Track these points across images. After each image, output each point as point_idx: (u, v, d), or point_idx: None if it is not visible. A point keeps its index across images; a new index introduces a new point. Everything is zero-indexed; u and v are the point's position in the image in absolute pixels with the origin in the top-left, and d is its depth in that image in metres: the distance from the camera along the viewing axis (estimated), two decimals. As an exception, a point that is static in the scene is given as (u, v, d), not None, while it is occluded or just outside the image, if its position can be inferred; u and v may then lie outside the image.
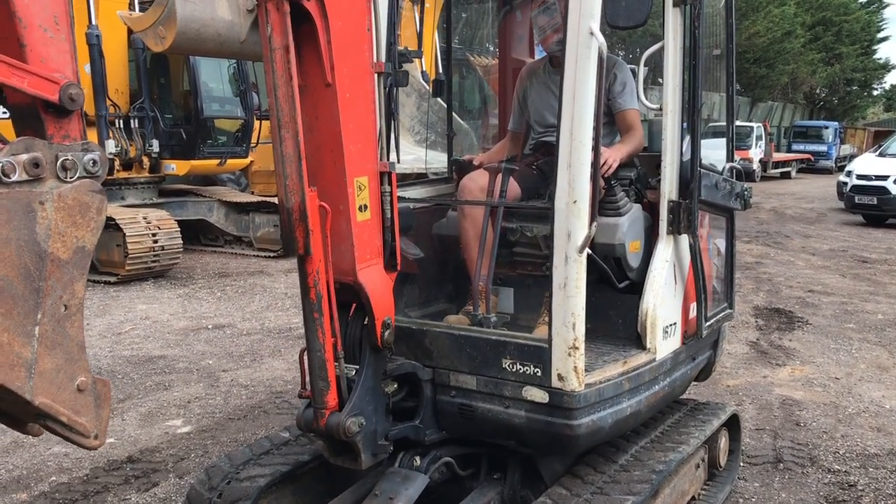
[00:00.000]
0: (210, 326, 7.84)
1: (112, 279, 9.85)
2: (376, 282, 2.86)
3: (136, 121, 11.52)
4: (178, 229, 10.31)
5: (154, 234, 9.90)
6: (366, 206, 2.80)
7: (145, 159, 11.69)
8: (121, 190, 11.61)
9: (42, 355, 1.93)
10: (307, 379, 2.82)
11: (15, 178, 1.86)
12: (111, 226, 9.79)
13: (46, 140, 1.95)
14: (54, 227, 1.93)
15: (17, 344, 1.88)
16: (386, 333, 2.89)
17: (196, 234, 12.75)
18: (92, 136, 10.95)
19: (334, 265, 2.72)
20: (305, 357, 2.81)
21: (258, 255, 11.96)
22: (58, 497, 4.19)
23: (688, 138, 3.49)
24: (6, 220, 1.84)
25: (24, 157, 1.88)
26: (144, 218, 10.00)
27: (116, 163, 11.25)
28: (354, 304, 2.92)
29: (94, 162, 2.02)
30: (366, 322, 2.90)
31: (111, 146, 11.06)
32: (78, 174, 1.98)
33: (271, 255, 11.79)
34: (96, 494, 4.23)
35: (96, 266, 10.15)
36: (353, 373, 2.90)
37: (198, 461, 4.61)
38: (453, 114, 4.80)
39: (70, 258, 1.98)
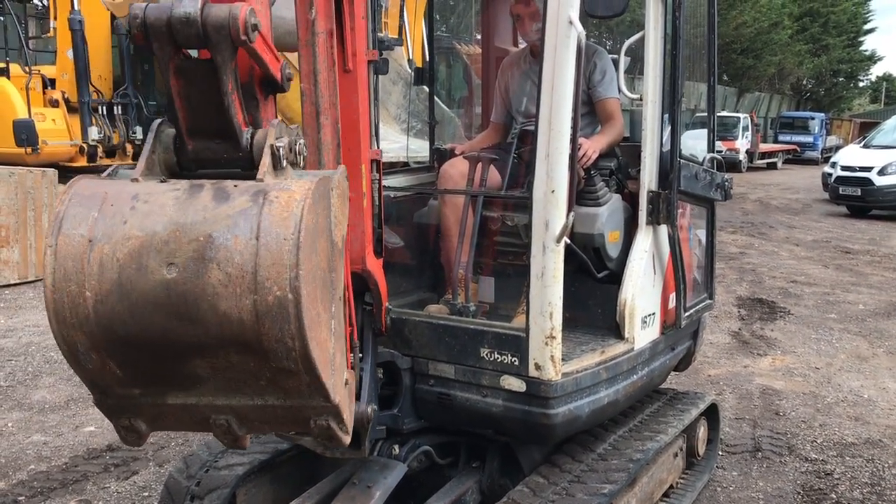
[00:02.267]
0: (193, 315, 7.81)
1: (95, 267, 9.78)
2: (377, 268, 2.87)
3: (120, 107, 11.45)
4: (162, 217, 10.24)
5: (137, 222, 9.82)
6: (365, 194, 2.80)
7: (129, 146, 11.61)
8: (104, 177, 11.52)
9: (336, 350, 1.89)
10: None
11: (284, 163, 1.82)
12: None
13: (284, 124, 1.91)
14: (336, 215, 1.88)
15: (328, 340, 1.83)
16: (388, 319, 2.91)
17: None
18: (75, 122, 10.90)
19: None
20: None
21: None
22: (36, 485, 4.17)
23: (668, 128, 3.49)
24: (322, 209, 1.77)
25: (286, 141, 1.84)
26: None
27: (99, 150, 11.16)
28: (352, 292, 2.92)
29: (304, 146, 1.96)
30: (369, 308, 2.90)
31: (94, 133, 10.98)
32: (303, 159, 1.94)
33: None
34: (75, 483, 4.21)
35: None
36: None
37: (178, 450, 4.60)
38: (437, 101, 4.79)
39: (342, 247, 1.95)
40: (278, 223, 1.66)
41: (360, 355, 2.88)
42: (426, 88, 5.03)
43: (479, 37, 5.15)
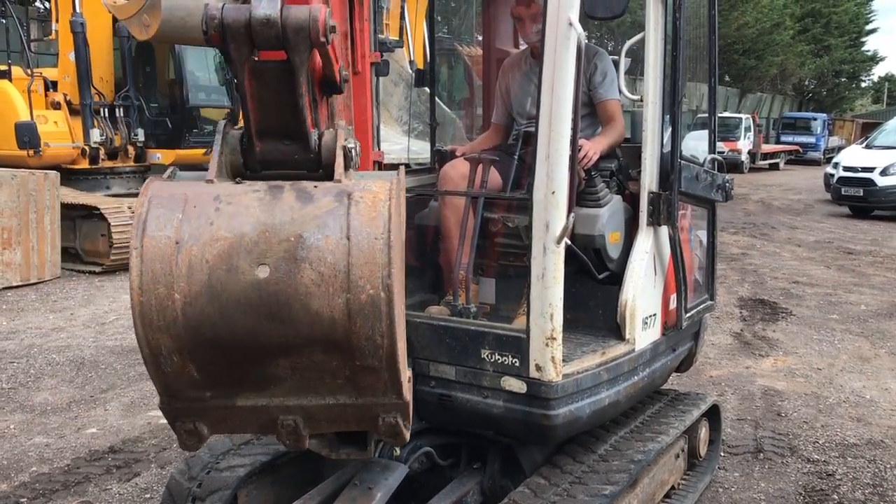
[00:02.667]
0: (195, 316, 7.81)
1: (97, 269, 9.79)
2: None
3: (122, 110, 11.44)
4: (164, 219, 10.24)
5: (140, 224, 9.82)
6: None
7: (130, 148, 11.61)
8: (106, 179, 11.54)
9: (401, 347, 1.89)
10: None
11: (352, 164, 1.84)
12: (96, 215, 9.74)
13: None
14: (401, 214, 1.90)
15: (403, 336, 1.85)
16: None
17: (182, 224, 12.70)
18: (77, 124, 10.91)
19: None
20: None
21: (245, 245, 11.90)
22: (38, 487, 4.18)
23: (669, 129, 3.49)
24: (397, 208, 1.79)
25: (353, 142, 1.87)
26: (129, 208, 9.93)
27: (101, 152, 11.17)
28: None
29: (359, 147, 1.99)
30: None
31: (96, 135, 10.99)
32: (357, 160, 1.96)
33: (258, 244, 11.75)
34: (77, 484, 4.22)
35: (80, 256, 10.11)
36: None
37: (180, 452, 4.60)
38: (438, 103, 4.79)
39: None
40: (368, 223, 1.69)
41: None
42: (427, 90, 5.04)
43: (479, 38, 5.16)
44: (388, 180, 1.81)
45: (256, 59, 1.82)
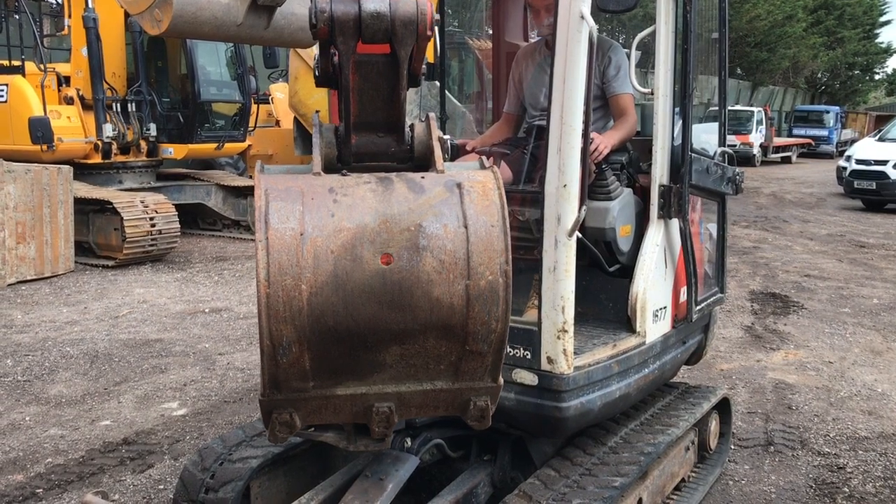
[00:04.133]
0: (207, 310, 7.87)
1: (110, 263, 9.87)
2: None
3: (134, 104, 11.49)
4: (176, 213, 10.32)
5: (152, 218, 9.90)
6: None
7: (143, 143, 11.67)
8: (118, 174, 11.61)
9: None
10: None
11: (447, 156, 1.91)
12: (109, 209, 9.80)
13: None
14: None
15: None
16: None
17: (194, 218, 12.77)
18: (90, 119, 10.97)
19: None
20: None
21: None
22: (54, 478, 4.22)
23: (679, 122, 3.49)
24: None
25: (444, 134, 1.93)
26: (142, 202, 10.00)
27: (114, 147, 11.23)
28: None
29: None
30: None
31: (108, 130, 11.05)
32: None
33: (269, 239, 11.79)
34: (92, 476, 4.26)
35: (94, 250, 10.18)
36: None
37: (193, 443, 4.64)
38: (449, 96, 4.80)
39: None
40: (483, 211, 1.74)
41: None
42: (437, 83, 5.04)
43: (489, 31, 5.16)
44: (488, 170, 1.86)
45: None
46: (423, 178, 1.81)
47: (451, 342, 1.79)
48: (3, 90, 10.84)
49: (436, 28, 1.85)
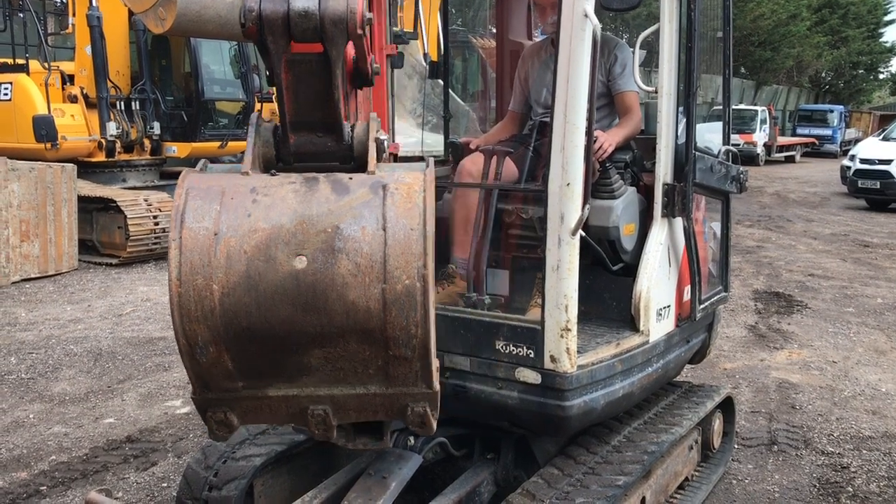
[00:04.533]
0: (211, 308, 7.86)
1: (113, 261, 9.88)
2: None
3: (138, 103, 11.51)
4: (180, 211, 10.31)
5: (155, 217, 9.91)
6: None
7: (146, 141, 11.69)
8: (122, 172, 11.62)
9: (433, 337, 1.92)
10: None
11: (384, 156, 1.87)
12: (112, 208, 9.82)
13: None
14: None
15: (434, 328, 1.86)
16: None
17: (198, 217, 12.77)
18: (94, 118, 10.99)
19: None
20: None
21: (260, 238, 11.96)
22: (57, 476, 4.23)
23: (683, 121, 3.49)
24: (430, 199, 1.80)
25: (384, 134, 1.89)
26: (146, 200, 10.02)
27: (118, 145, 11.25)
28: None
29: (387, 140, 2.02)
30: None
31: (112, 128, 11.06)
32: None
33: (273, 237, 11.80)
34: (95, 473, 4.27)
35: (97, 248, 10.19)
36: None
37: (196, 441, 4.65)
38: (452, 95, 4.79)
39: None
40: (403, 214, 1.71)
41: None
42: (441, 82, 5.04)
43: (493, 30, 5.16)
44: (421, 172, 1.82)
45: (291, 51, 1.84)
46: (350, 178, 1.79)
47: (374, 347, 1.76)
48: (7, 88, 10.86)
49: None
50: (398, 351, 1.76)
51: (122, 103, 11.36)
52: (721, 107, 4.16)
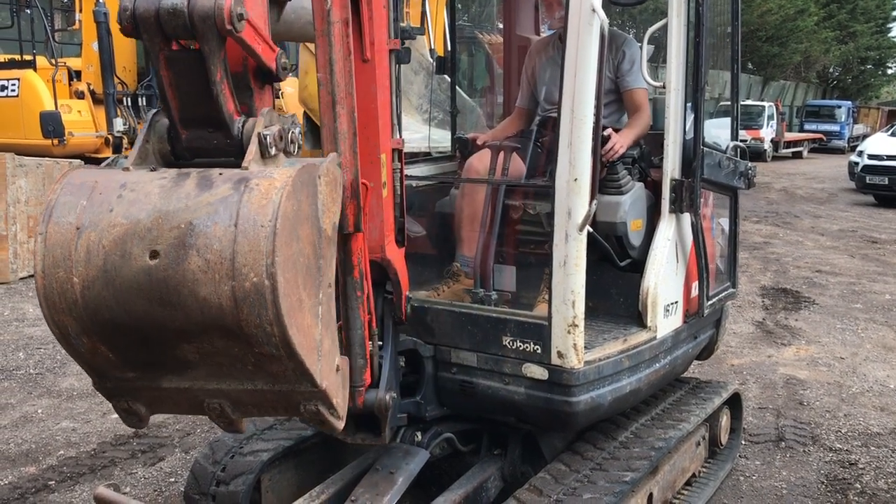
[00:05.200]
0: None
1: (121, 257, 9.89)
2: (398, 257, 2.89)
3: (144, 99, 11.50)
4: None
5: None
6: (385, 183, 2.81)
7: (153, 137, 11.69)
8: (129, 168, 11.62)
9: (323, 336, 1.91)
10: None
11: (273, 151, 1.85)
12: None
13: (276, 112, 1.94)
14: (324, 203, 1.89)
15: (313, 325, 1.85)
16: (408, 308, 2.93)
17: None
18: (100, 114, 11.00)
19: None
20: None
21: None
22: (66, 470, 4.25)
23: (691, 116, 3.47)
24: (307, 196, 1.80)
25: (276, 129, 1.87)
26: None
27: (124, 141, 11.25)
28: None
29: (298, 134, 1.99)
30: (389, 297, 2.92)
31: (119, 124, 11.07)
32: (296, 147, 1.96)
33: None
34: (103, 468, 4.28)
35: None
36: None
37: (203, 436, 4.66)
38: (459, 91, 4.79)
39: (331, 235, 1.96)
40: (256, 210, 1.69)
41: (381, 343, 2.91)
42: (448, 78, 5.03)
43: (500, 26, 5.15)
44: (293, 168, 1.79)
45: (174, 48, 1.85)
46: (220, 174, 1.78)
47: (239, 344, 1.75)
48: (14, 85, 10.88)
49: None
50: (262, 349, 1.74)
51: (129, 99, 11.36)
52: (728, 102, 4.15)
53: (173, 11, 1.74)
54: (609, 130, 3.53)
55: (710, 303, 3.75)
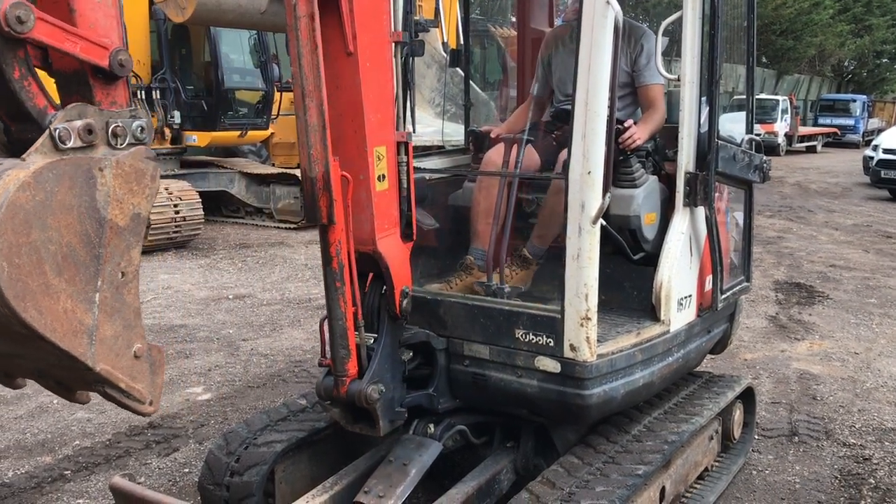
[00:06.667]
0: (231, 296, 7.93)
1: (135, 249, 9.94)
2: (394, 251, 2.89)
3: (158, 92, 11.56)
4: (200, 200, 10.38)
5: (176, 205, 9.97)
6: (384, 176, 2.82)
7: (167, 130, 11.74)
8: (143, 161, 11.68)
9: (102, 322, 1.95)
10: (327, 347, 2.86)
11: (70, 144, 1.88)
12: (133, 196, 9.87)
13: (94, 106, 1.98)
14: (112, 194, 1.94)
15: (80, 311, 1.89)
16: (404, 302, 2.94)
17: (217, 206, 12.84)
18: (114, 107, 11.04)
19: (354, 235, 2.74)
20: (326, 326, 2.84)
21: (279, 227, 12.03)
22: (81, 461, 4.29)
23: (706, 109, 3.46)
24: (69, 187, 1.85)
25: (79, 123, 1.90)
26: (166, 189, 10.07)
27: (138, 133, 11.31)
28: (372, 274, 2.95)
29: (142, 129, 2.04)
30: (384, 291, 2.94)
31: (133, 117, 11.12)
32: (127, 141, 2.01)
33: (291, 226, 11.86)
34: (118, 458, 4.32)
35: (119, 236, 10.26)
36: (372, 341, 2.94)
37: (217, 427, 4.69)
38: (472, 84, 4.79)
39: (127, 225, 2.00)
40: None
41: (375, 336, 2.93)
42: (461, 71, 5.03)
43: (514, 19, 5.14)
44: (51, 160, 1.84)
45: None
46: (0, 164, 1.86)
47: None
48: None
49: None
50: (11, 328, 1.82)
51: (143, 92, 11.41)
52: (743, 97, 4.13)
53: None
54: (629, 121, 3.52)
55: (723, 297, 3.74)
